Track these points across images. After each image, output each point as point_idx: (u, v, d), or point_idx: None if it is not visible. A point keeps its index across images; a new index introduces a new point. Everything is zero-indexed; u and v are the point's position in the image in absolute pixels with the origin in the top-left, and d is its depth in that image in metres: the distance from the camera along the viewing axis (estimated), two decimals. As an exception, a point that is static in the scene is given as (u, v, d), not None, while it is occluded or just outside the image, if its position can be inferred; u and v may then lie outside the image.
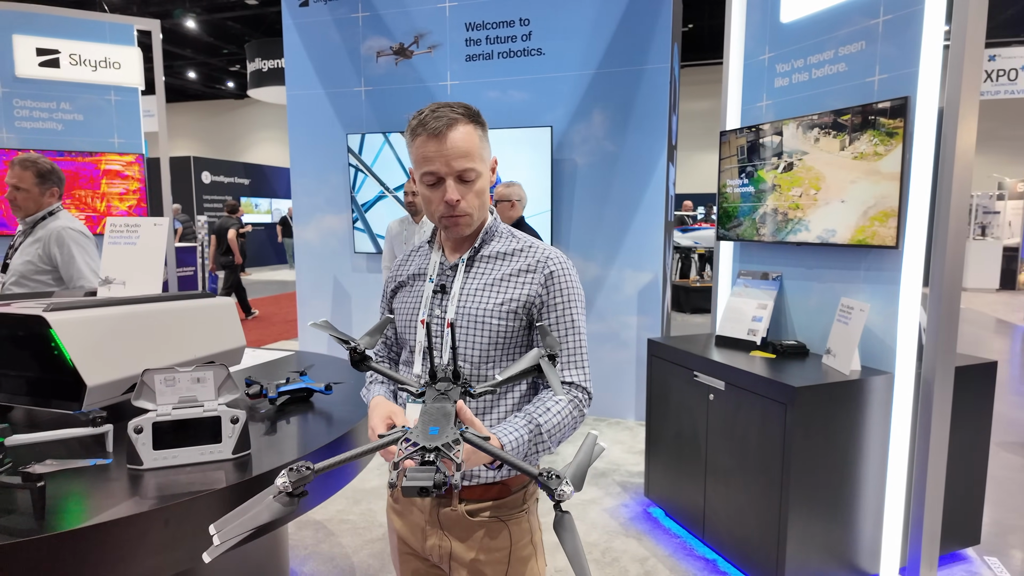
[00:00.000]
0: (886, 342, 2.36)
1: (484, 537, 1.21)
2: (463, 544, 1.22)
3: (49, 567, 1.03)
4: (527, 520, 1.26)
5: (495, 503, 1.22)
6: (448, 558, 1.23)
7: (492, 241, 1.26)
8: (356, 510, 3.08)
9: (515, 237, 1.26)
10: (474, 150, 1.15)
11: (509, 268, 1.21)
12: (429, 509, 1.23)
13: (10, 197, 2.46)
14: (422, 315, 1.24)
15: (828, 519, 2.29)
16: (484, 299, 1.19)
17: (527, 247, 1.24)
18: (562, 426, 1.15)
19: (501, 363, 1.20)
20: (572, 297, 1.21)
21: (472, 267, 1.24)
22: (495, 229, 1.27)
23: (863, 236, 2.36)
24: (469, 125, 1.15)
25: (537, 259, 1.21)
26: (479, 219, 1.22)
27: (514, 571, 1.23)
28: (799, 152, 2.60)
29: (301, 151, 5.11)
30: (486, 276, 1.22)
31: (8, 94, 4.23)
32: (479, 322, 1.18)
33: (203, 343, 1.81)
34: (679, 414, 2.83)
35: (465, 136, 1.14)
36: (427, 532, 1.25)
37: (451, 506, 1.21)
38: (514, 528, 1.23)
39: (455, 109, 1.15)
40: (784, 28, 2.77)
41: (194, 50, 16.03)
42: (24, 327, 1.52)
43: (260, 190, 18.47)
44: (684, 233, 10.14)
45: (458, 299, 1.21)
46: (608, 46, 4.27)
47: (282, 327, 8.15)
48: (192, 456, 1.34)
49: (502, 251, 1.24)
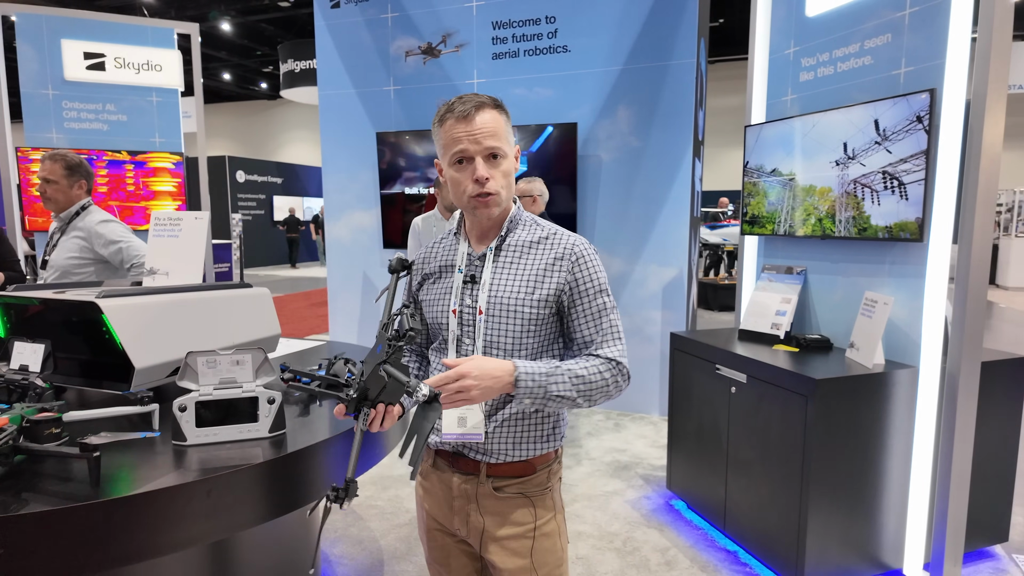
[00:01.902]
0: (911, 336, 2.35)
1: (511, 512, 1.26)
2: (491, 519, 1.27)
3: (104, 530, 1.12)
4: (551, 498, 1.31)
5: (520, 480, 1.27)
6: (477, 533, 1.28)
7: (517, 229, 1.28)
8: (384, 496, 3.18)
9: (539, 225, 1.30)
10: (501, 131, 1.20)
11: (538, 257, 1.24)
12: (457, 487, 1.28)
13: (41, 191, 2.59)
14: (453, 305, 1.27)
15: (849, 512, 2.29)
16: (515, 288, 1.23)
17: (551, 234, 1.27)
18: (588, 380, 1.18)
19: (533, 350, 1.24)
20: (600, 281, 1.25)
21: (500, 256, 1.26)
22: (519, 218, 1.30)
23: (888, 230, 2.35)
24: (495, 110, 1.20)
25: (564, 247, 1.24)
26: (506, 201, 1.24)
27: (539, 546, 1.27)
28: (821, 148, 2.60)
29: (332, 149, 5.24)
30: (515, 265, 1.25)
31: (58, 96, 4.45)
32: (511, 311, 1.22)
33: (241, 330, 1.91)
34: (701, 407, 2.85)
35: (492, 118, 1.19)
36: (455, 507, 1.30)
37: (479, 481, 1.26)
38: (539, 505, 1.28)
39: (480, 96, 1.21)
40: (809, 22, 2.76)
41: (229, 52, 16.44)
42: (78, 313, 1.63)
43: (292, 189, 18.86)
44: (712, 230, 10.04)
45: (489, 288, 1.24)
46: (634, 42, 4.29)
47: (313, 322, 8.34)
48: (231, 434, 1.43)
49: (528, 239, 1.27)
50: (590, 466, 3.56)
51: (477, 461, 1.26)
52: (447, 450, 1.29)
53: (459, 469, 1.28)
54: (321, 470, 1.47)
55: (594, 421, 4.36)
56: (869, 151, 2.41)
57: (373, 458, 1.66)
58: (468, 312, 1.25)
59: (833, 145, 2.56)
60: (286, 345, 2.47)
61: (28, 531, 1.07)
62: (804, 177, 2.72)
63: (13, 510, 1.08)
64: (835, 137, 2.55)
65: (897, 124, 2.29)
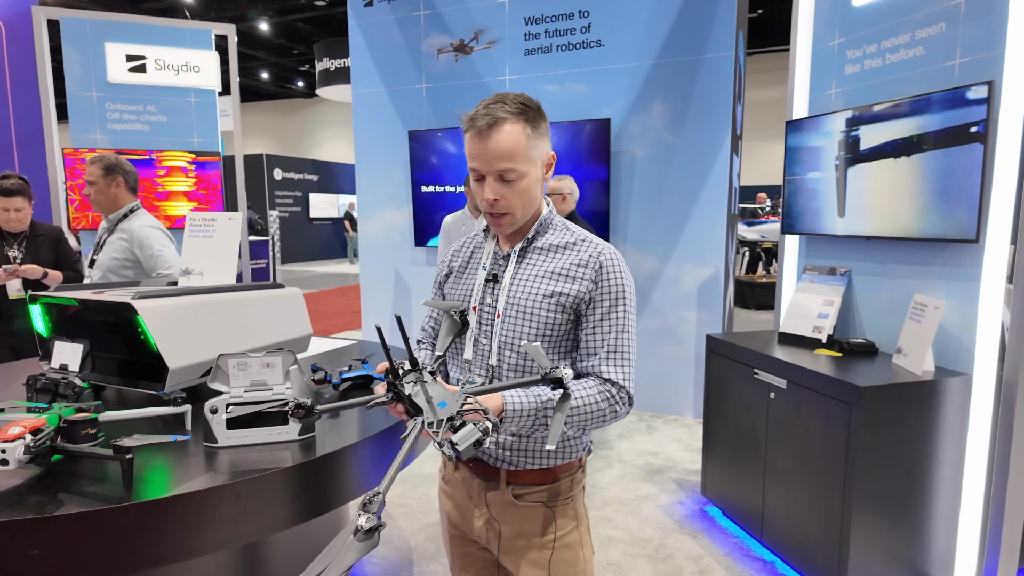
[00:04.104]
0: (964, 342, 2.23)
1: (529, 522, 1.23)
2: (509, 527, 1.24)
3: (135, 532, 1.13)
4: (573, 508, 1.27)
5: (541, 488, 1.23)
6: (495, 540, 1.27)
7: (547, 233, 1.25)
8: (414, 495, 3.18)
9: (569, 230, 1.26)
10: (517, 150, 1.14)
11: (562, 261, 1.21)
12: (477, 492, 1.27)
13: (87, 193, 2.68)
14: (473, 302, 1.26)
15: (895, 525, 2.19)
16: (534, 290, 1.20)
17: (580, 241, 1.23)
18: (581, 410, 1.12)
19: (549, 355, 1.20)
20: (620, 295, 1.18)
21: (524, 258, 1.24)
22: (550, 221, 1.26)
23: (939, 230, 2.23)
24: (517, 123, 1.14)
25: (589, 254, 1.20)
26: (523, 217, 1.22)
27: (559, 557, 1.24)
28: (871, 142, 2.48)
29: (365, 148, 5.27)
30: (538, 267, 1.22)
31: (101, 98, 4.57)
32: (527, 312, 1.19)
33: (273, 330, 1.92)
34: (738, 412, 2.77)
35: (509, 135, 1.13)
36: (475, 514, 1.28)
37: (499, 488, 1.23)
38: (560, 515, 1.24)
39: (506, 106, 1.14)
40: (856, 12, 2.64)
41: (266, 51, 16.75)
42: (115, 313, 1.66)
43: (327, 186, 19.14)
44: (750, 227, 9.80)
45: (508, 289, 1.22)
46: (668, 36, 4.19)
47: (347, 318, 8.44)
48: (261, 436, 1.43)
49: (555, 243, 1.24)
50: (621, 469, 3.50)
51: (497, 468, 1.23)
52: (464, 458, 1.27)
53: (479, 475, 1.26)
54: (350, 474, 1.46)
55: (626, 422, 4.29)
56: (921, 145, 2.29)
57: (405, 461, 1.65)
58: (487, 311, 1.24)
59: (882, 139, 2.44)
60: (317, 344, 2.48)
61: (62, 532, 1.08)
62: (852, 172, 2.61)
63: (48, 511, 1.09)
64: (884, 131, 2.43)
65: (952, 117, 2.17)
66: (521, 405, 1.10)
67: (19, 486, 1.19)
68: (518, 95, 1.18)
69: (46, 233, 3.15)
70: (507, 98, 1.16)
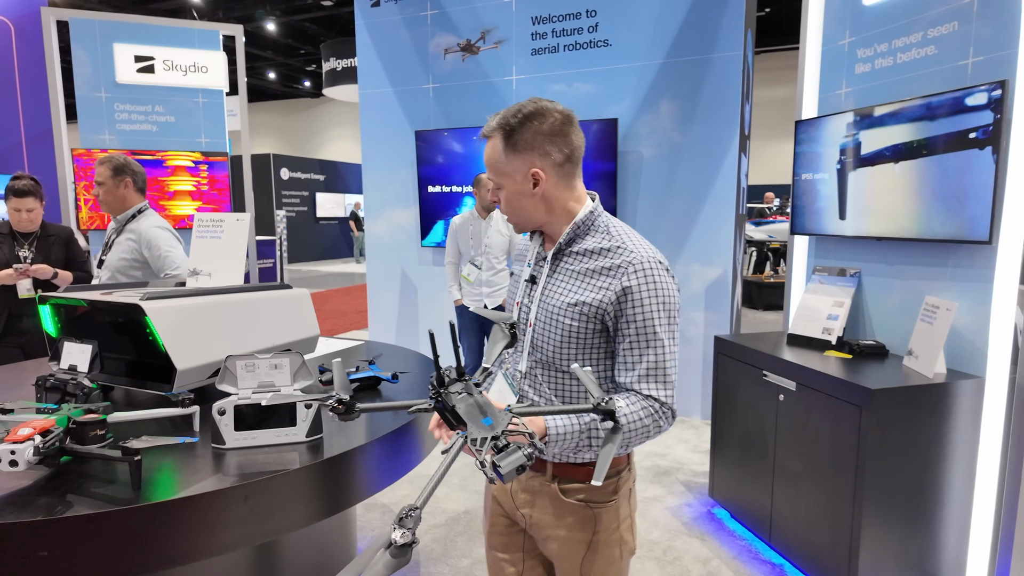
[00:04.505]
0: (976, 344, 2.20)
1: (571, 517, 1.24)
2: (550, 519, 1.26)
3: (144, 534, 1.13)
4: (617, 508, 1.26)
5: (586, 485, 1.22)
6: (539, 528, 1.28)
7: (586, 237, 1.23)
8: (421, 496, 3.18)
9: (610, 234, 1.21)
10: (493, 164, 1.21)
11: (589, 266, 1.19)
12: (525, 479, 1.28)
13: (96, 194, 2.68)
14: (519, 297, 1.32)
15: (906, 528, 2.17)
16: (560, 298, 1.20)
17: (616, 247, 1.18)
18: (627, 427, 1.10)
19: (577, 361, 1.19)
20: (654, 307, 1.13)
21: (559, 262, 1.25)
22: (590, 224, 1.23)
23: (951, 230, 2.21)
24: (497, 138, 1.19)
25: (619, 263, 1.15)
26: (527, 224, 1.27)
27: (592, 555, 1.25)
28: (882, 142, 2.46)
29: (372, 148, 5.27)
30: (567, 274, 1.22)
31: (110, 99, 4.59)
32: (553, 319, 1.20)
33: (281, 331, 1.92)
34: (746, 414, 2.75)
35: (490, 149, 1.21)
36: (521, 499, 1.30)
37: (546, 480, 1.24)
38: (602, 515, 1.24)
39: (494, 120, 1.19)
40: (867, 11, 2.62)
41: (274, 51, 16.80)
42: (123, 314, 1.66)
43: (334, 186, 19.19)
44: (757, 227, 9.76)
45: (540, 297, 1.24)
46: (676, 35, 4.17)
47: (353, 317, 8.45)
48: (269, 438, 1.42)
49: (591, 248, 1.21)
50: (629, 470, 3.48)
51: (545, 460, 1.24)
52: None
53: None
54: (359, 476, 1.45)
55: (633, 423, 4.27)
56: (933, 145, 2.27)
57: (409, 463, 1.64)
58: (523, 313, 1.29)
59: (893, 139, 2.42)
60: (324, 345, 2.48)
61: (71, 534, 1.08)
62: (861, 173, 2.59)
63: (57, 512, 1.09)
64: (895, 131, 2.41)
65: (964, 117, 2.15)
66: (565, 429, 1.09)
67: (28, 487, 1.20)
68: (516, 109, 1.18)
69: (57, 233, 3.17)
70: (504, 111, 1.19)
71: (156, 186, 4.66)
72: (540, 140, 1.18)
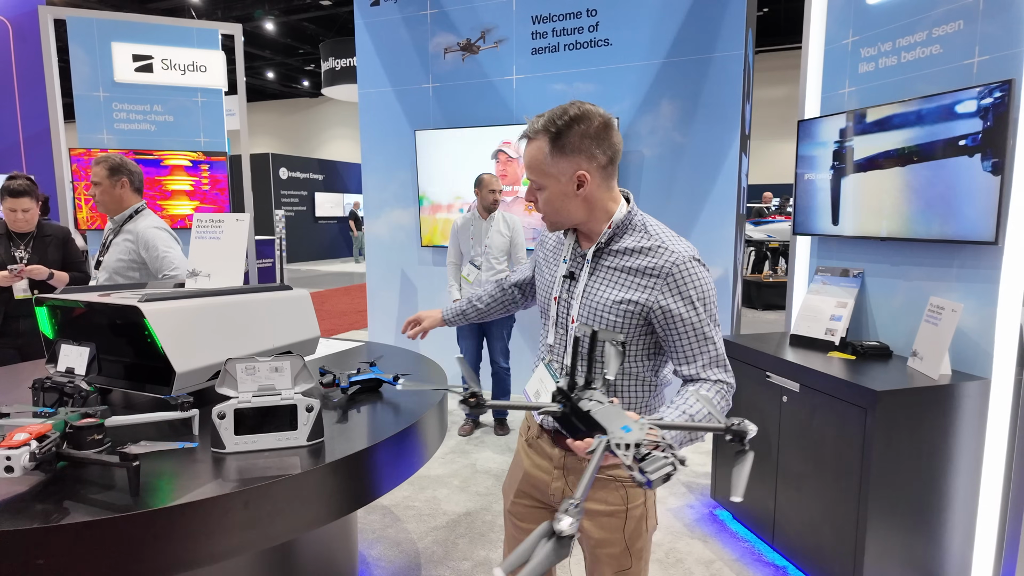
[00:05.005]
0: (981, 345, 2.19)
1: (604, 492, 1.33)
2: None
3: (142, 541, 1.11)
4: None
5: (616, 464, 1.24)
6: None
7: (624, 236, 1.28)
8: (421, 497, 3.16)
9: (648, 233, 1.26)
10: (538, 164, 1.23)
11: (635, 264, 1.24)
12: (558, 458, 1.37)
13: (92, 194, 2.65)
14: (555, 292, 1.35)
15: (911, 531, 2.15)
16: (605, 296, 1.26)
17: (657, 247, 1.24)
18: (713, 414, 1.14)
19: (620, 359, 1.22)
20: (701, 300, 1.20)
21: (599, 260, 1.29)
22: (628, 222, 1.28)
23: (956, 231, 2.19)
24: (540, 140, 1.22)
25: (663, 263, 1.21)
26: (564, 223, 1.30)
27: (626, 526, 1.34)
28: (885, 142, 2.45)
29: (372, 147, 5.25)
30: (610, 272, 1.27)
31: (108, 98, 4.57)
32: (597, 316, 1.26)
33: (281, 333, 1.90)
34: (749, 415, 2.72)
35: (533, 151, 1.24)
36: (554, 476, 1.38)
37: (579, 458, 1.27)
38: (631, 489, 1.33)
39: (538, 122, 1.22)
40: (871, 9, 2.61)
41: (272, 51, 16.76)
42: (121, 316, 1.64)
43: (333, 185, 19.16)
44: (756, 226, 9.75)
45: (582, 296, 1.29)
46: (677, 34, 4.15)
47: (352, 317, 8.43)
48: (270, 442, 1.40)
49: (631, 247, 1.26)
50: (630, 471, 3.46)
51: None
52: (549, 428, 1.39)
53: (561, 445, 1.35)
54: (361, 480, 1.43)
55: (634, 424, 4.26)
56: (938, 144, 2.25)
57: (412, 467, 1.63)
58: (563, 306, 1.34)
59: (897, 139, 2.41)
60: (324, 346, 2.46)
61: (69, 542, 1.06)
62: (865, 172, 2.57)
63: (54, 520, 1.07)
64: (899, 131, 2.39)
65: (969, 117, 2.13)
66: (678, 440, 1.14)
67: (24, 493, 1.17)
68: (561, 111, 1.21)
69: (53, 234, 3.14)
70: (548, 114, 1.22)
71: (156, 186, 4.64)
72: (587, 143, 1.21)
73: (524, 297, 1.70)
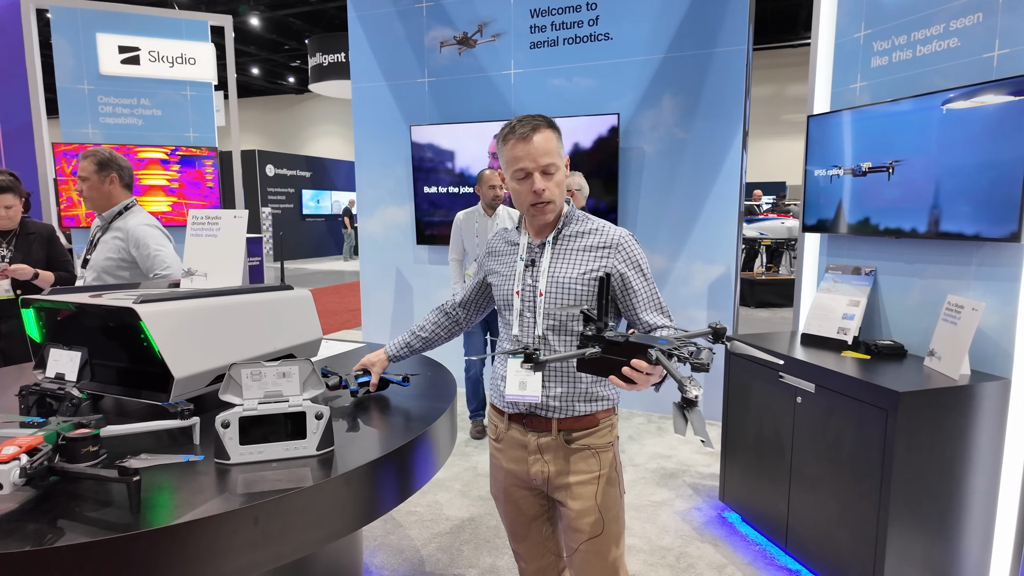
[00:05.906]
0: (1001, 345, 2.15)
1: (579, 462, 1.50)
2: (561, 465, 1.50)
3: (144, 563, 1.02)
4: (612, 451, 1.54)
5: (587, 432, 1.50)
6: (549, 480, 1.52)
7: (571, 224, 1.53)
8: (423, 502, 3.07)
9: (588, 219, 1.53)
10: (553, 148, 1.43)
11: (588, 243, 1.49)
12: (532, 442, 1.52)
13: (79, 189, 2.53)
14: (517, 287, 1.52)
15: (931, 534, 2.11)
16: (570, 270, 1.47)
17: (600, 227, 1.51)
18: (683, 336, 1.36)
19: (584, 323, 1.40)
20: (644, 270, 1.50)
21: (557, 244, 1.51)
22: (573, 214, 1.54)
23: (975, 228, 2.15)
24: (549, 130, 1.43)
25: (610, 238, 1.48)
26: (559, 205, 1.49)
27: (601, 491, 1.51)
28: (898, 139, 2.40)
29: (365, 144, 5.14)
30: (569, 251, 1.50)
31: (93, 91, 4.42)
32: (566, 288, 1.46)
33: (283, 335, 1.81)
34: (761, 416, 2.68)
35: (546, 138, 1.43)
36: (531, 460, 1.53)
37: (551, 435, 1.49)
38: (602, 457, 1.52)
39: (536, 118, 1.44)
40: (883, 2, 2.56)
41: (258, 47, 16.52)
42: (115, 318, 1.54)
43: (321, 183, 18.94)
44: (748, 224, 9.75)
45: (548, 272, 1.48)
46: (678, 29, 4.09)
47: (344, 316, 8.30)
48: (277, 452, 1.32)
49: (579, 231, 1.51)
50: (634, 473, 3.41)
51: (549, 419, 1.50)
52: (520, 412, 1.52)
53: (533, 428, 1.52)
54: (375, 492, 1.35)
55: (635, 424, 4.20)
56: (956, 140, 2.21)
57: (425, 475, 1.54)
58: (528, 291, 1.51)
59: (912, 134, 2.36)
60: (322, 347, 2.36)
61: (65, 565, 0.97)
62: (878, 169, 2.52)
63: (48, 541, 0.98)
64: (916, 127, 2.34)
65: (990, 111, 2.08)
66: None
67: (14, 511, 1.08)
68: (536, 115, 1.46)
69: (37, 231, 3.01)
70: (532, 115, 1.45)
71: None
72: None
73: (468, 316, 1.78)
